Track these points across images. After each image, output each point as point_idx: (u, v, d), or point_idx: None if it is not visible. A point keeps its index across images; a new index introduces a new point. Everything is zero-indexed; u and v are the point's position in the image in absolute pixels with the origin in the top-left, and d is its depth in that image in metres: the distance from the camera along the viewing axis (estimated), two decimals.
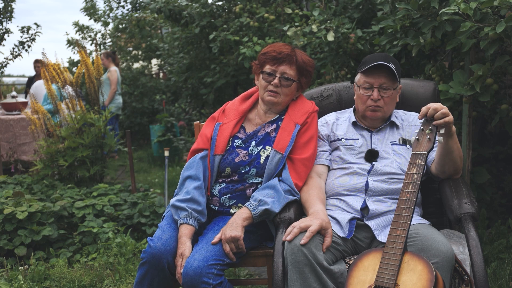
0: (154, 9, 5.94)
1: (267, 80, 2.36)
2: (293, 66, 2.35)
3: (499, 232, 3.48)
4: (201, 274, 2.03)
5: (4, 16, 7.67)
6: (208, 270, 2.05)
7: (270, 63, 2.36)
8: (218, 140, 2.38)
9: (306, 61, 2.39)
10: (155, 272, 2.13)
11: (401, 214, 1.89)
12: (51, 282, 3.16)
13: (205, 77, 6.48)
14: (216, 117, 2.48)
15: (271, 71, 2.35)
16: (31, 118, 4.97)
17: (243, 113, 2.45)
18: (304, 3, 5.24)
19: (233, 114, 2.45)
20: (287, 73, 2.34)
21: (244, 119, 2.47)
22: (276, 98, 2.36)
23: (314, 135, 2.40)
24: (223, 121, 2.44)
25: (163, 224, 2.27)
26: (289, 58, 2.34)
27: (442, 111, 1.99)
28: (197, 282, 2.03)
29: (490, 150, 3.87)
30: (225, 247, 2.12)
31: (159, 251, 2.12)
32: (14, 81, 17.96)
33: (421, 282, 1.75)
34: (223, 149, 2.36)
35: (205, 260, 2.06)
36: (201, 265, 2.05)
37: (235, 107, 2.47)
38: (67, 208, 3.82)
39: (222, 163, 2.36)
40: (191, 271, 2.04)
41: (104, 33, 11.12)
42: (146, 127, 9.41)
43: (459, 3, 2.52)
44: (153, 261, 2.12)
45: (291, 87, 2.37)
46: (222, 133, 2.40)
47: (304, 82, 2.43)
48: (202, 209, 2.27)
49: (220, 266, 2.09)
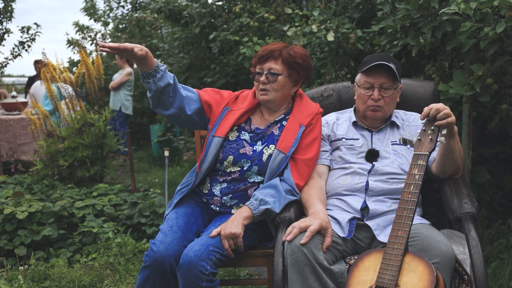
0: (154, 9, 5.94)
1: (257, 79, 2.39)
2: (278, 61, 2.35)
3: (499, 232, 3.48)
4: (201, 257, 2.05)
5: (4, 16, 7.66)
6: (208, 255, 2.07)
7: (258, 63, 2.39)
8: (222, 123, 2.39)
9: (293, 53, 2.37)
10: (157, 275, 2.13)
11: (402, 214, 1.89)
12: (51, 282, 3.16)
13: (205, 77, 6.47)
14: (226, 99, 2.47)
15: (259, 70, 2.38)
16: (31, 118, 4.97)
17: (254, 106, 2.46)
18: (304, 3, 5.24)
19: (246, 102, 2.45)
20: (273, 68, 2.35)
21: (253, 112, 2.47)
22: (267, 95, 2.37)
23: (318, 136, 2.40)
24: (232, 107, 2.44)
25: (165, 227, 2.26)
26: (272, 54, 2.35)
27: (445, 111, 1.99)
28: (195, 265, 2.04)
29: (490, 150, 3.87)
30: (224, 243, 2.13)
31: (162, 255, 2.12)
32: (14, 81, 17.96)
33: (422, 283, 1.75)
34: (224, 132, 2.36)
35: (206, 245, 2.10)
36: (202, 249, 2.08)
37: (249, 98, 2.47)
38: (67, 208, 3.82)
39: (225, 150, 2.36)
40: (191, 253, 2.07)
41: (104, 33, 11.12)
42: (146, 127, 9.41)
43: (459, 3, 2.52)
44: (155, 265, 2.12)
45: (279, 82, 2.35)
46: (228, 118, 2.40)
47: (296, 76, 2.38)
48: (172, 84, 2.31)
49: (219, 256, 2.11)
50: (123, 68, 7.91)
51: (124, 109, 7.86)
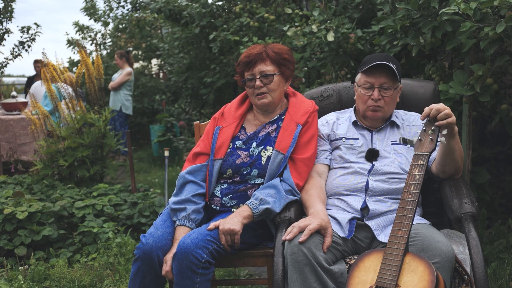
0: (154, 9, 5.94)
1: (251, 85, 2.37)
2: (267, 62, 2.35)
3: (499, 232, 3.48)
4: (198, 245, 2.06)
5: (4, 16, 7.66)
6: (205, 244, 2.08)
7: (246, 70, 2.37)
8: (218, 144, 2.39)
9: (278, 51, 2.38)
10: (146, 268, 2.14)
11: (402, 214, 1.89)
12: (51, 282, 3.16)
13: (205, 77, 6.48)
14: (216, 119, 2.49)
15: (250, 75, 2.36)
16: (31, 118, 4.97)
17: (240, 116, 2.46)
18: (304, 3, 5.24)
19: (231, 118, 2.46)
20: (265, 70, 2.34)
21: (243, 120, 2.48)
22: (266, 99, 2.36)
23: (315, 134, 2.40)
24: (222, 125, 2.44)
25: (158, 221, 2.29)
26: (259, 56, 2.35)
27: (445, 111, 1.99)
28: (190, 252, 2.04)
29: (490, 150, 3.87)
30: (221, 238, 2.13)
31: (150, 247, 2.13)
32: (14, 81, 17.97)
33: (422, 283, 1.75)
34: (223, 153, 2.37)
35: (204, 234, 2.11)
36: (199, 237, 2.09)
37: (232, 112, 2.48)
38: (67, 208, 3.82)
39: (223, 166, 2.37)
40: (188, 240, 2.07)
41: (104, 33, 11.11)
42: (146, 127, 9.41)
43: (459, 3, 2.52)
44: (144, 257, 2.13)
45: (275, 81, 2.36)
46: (221, 137, 2.40)
47: (287, 71, 2.40)
48: (201, 207, 2.31)
49: (216, 246, 2.11)
50: (123, 68, 7.91)
51: (124, 109, 7.87)
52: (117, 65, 8.17)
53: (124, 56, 7.91)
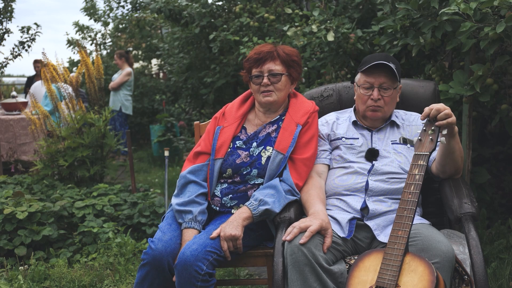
0: (154, 9, 5.94)
1: (257, 82, 2.37)
2: (277, 61, 2.36)
3: (499, 232, 3.48)
4: (197, 257, 2.05)
5: (4, 16, 7.65)
6: (205, 255, 2.07)
7: (254, 66, 2.38)
8: (218, 144, 2.39)
9: (289, 52, 2.39)
10: (155, 273, 2.13)
11: (402, 214, 1.89)
12: (51, 282, 3.16)
13: (205, 77, 6.47)
14: (217, 119, 2.49)
15: (258, 72, 2.36)
16: (31, 118, 4.97)
17: (241, 117, 2.46)
18: (304, 3, 5.24)
19: (232, 118, 2.46)
20: (273, 69, 2.35)
21: (244, 120, 2.48)
22: (271, 97, 2.37)
23: (315, 135, 2.40)
24: (223, 125, 2.44)
25: (163, 225, 2.27)
26: (270, 55, 2.36)
27: (445, 111, 1.99)
28: (191, 264, 2.04)
29: (490, 150, 3.87)
30: (223, 244, 2.13)
31: (160, 253, 2.12)
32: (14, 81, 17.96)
33: (422, 283, 1.75)
34: (224, 153, 2.37)
35: (204, 246, 2.10)
36: (199, 249, 2.08)
37: (233, 112, 2.48)
38: (67, 208, 3.82)
39: (223, 165, 2.37)
40: (188, 252, 2.07)
41: (104, 33, 11.11)
42: (146, 127, 9.41)
43: (459, 3, 2.52)
44: (154, 263, 2.12)
45: (282, 81, 2.37)
46: (222, 137, 2.40)
47: (295, 74, 2.42)
48: (205, 207, 2.32)
49: (216, 256, 2.11)
50: (122, 68, 7.91)
51: (124, 109, 7.87)
52: (117, 65, 8.17)
53: (123, 56, 7.91)
